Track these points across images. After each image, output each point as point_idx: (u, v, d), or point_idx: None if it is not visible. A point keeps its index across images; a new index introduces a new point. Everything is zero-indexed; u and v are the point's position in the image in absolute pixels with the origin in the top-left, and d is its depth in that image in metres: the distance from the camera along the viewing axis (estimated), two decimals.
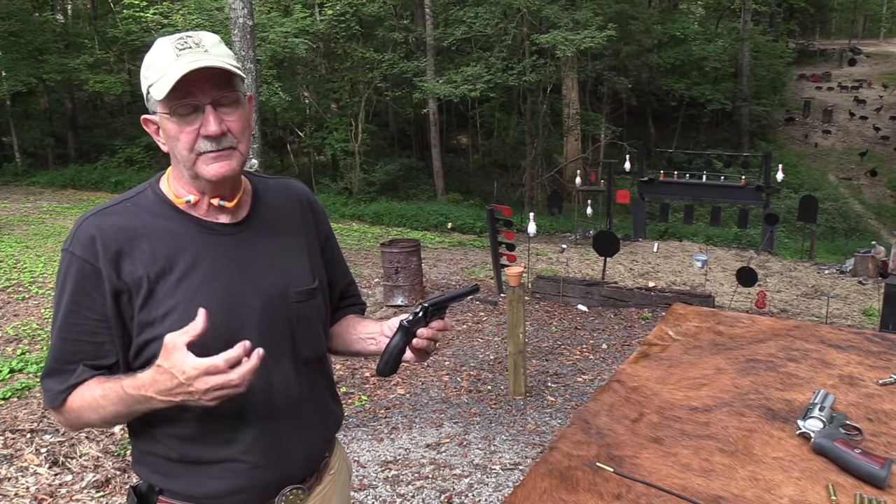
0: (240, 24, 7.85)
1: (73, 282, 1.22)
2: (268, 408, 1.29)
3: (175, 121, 1.19)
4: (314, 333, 1.40)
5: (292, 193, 1.46)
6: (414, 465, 3.84)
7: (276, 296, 1.31)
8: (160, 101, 1.18)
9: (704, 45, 23.53)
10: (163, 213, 1.28)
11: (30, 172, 19.26)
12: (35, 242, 9.57)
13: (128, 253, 1.22)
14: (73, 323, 1.23)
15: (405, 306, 7.04)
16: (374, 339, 1.43)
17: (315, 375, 1.41)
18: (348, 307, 1.59)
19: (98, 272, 1.21)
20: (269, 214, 1.38)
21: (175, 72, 1.15)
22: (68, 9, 23.68)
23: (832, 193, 21.05)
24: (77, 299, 1.22)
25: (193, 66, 1.15)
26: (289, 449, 1.33)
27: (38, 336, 5.71)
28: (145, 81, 1.22)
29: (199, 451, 1.27)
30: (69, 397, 1.24)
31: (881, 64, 33.40)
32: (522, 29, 16.98)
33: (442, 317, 1.31)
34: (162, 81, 1.17)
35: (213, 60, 1.18)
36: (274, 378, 1.30)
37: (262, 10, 15.65)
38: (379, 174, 18.80)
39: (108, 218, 1.24)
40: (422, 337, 1.28)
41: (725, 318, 2.20)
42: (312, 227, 1.46)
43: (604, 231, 8.14)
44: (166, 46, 1.19)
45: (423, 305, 1.27)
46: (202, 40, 1.21)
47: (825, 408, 1.46)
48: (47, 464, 3.67)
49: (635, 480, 1.30)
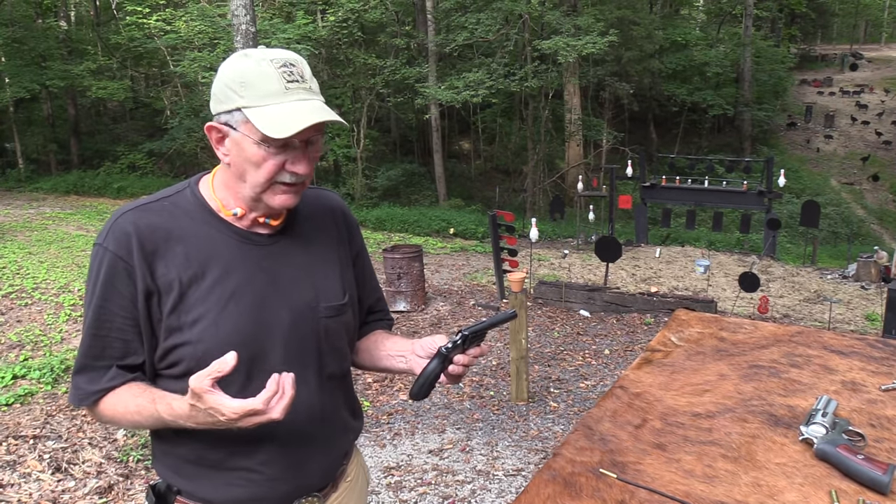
0: (242, 30, 7.88)
1: (105, 278, 1.21)
2: (290, 422, 1.26)
3: (265, 149, 1.18)
4: (340, 349, 1.39)
5: (327, 205, 1.44)
6: (416, 471, 3.83)
7: (306, 310, 1.30)
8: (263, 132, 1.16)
9: (706, 50, 23.58)
10: (200, 217, 1.26)
11: (33, 178, 19.30)
12: (38, 248, 9.59)
13: (162, 255, 1.21)
14: (104, 319, 1.21)
15: (408, 311, 7.04)
16: (403, 358, 1.41)
17: (337, 391, 1.40)
18: (376, 322, 1.58)
19: (131, 270, 1.19)
20: (304, 226, 1.37)
21: (295, 114, 1.15)
22: (71, 15, 23.77)
23: (834, 198, 21.05)
24: (107, 295, 1.21)
25: (319, 119, 1.16)
26: (307, 463, 1.33)
27: (40, 342, 5.72)
28: (238, 98, 1.18)
29: (219, 456, 1.27)
30: (101, 401, 1.24)
31: (883, 69, 33.44)
32: (524, 35, 17.01)
33: (479, 343, 1.30)
34: (271, 113, 1.15)
35: (324, 109, 1.19)
36: (298, 392, 1.26)
37: (265, 16, 15.70)
38: (381, 180, 18.82)
39: (145, 216, 1.23)
40: (458, 364, 1.28)
41: (728, 323, 2.20)
42: (346, 240, 1.45)
43: (606, 236, 8.15)
44: (270, 71, 1.17)
45: (463, 334, 1.26)
46: (304, 72, 1.21)
47: (828, 414, 1.46)
48: (50, 470, 3.67)
49: (639, 487, 1.30)
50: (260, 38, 11.56)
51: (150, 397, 1.19)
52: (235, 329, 1.21)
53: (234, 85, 1.17)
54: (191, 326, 1.20)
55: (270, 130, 1.14)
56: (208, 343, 1.20)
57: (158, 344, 1.23)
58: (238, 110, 1.17)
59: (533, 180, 18.60)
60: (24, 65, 19.21)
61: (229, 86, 1.18)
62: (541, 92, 18.28)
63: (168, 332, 1.21)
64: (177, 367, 1.23)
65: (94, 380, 1.23)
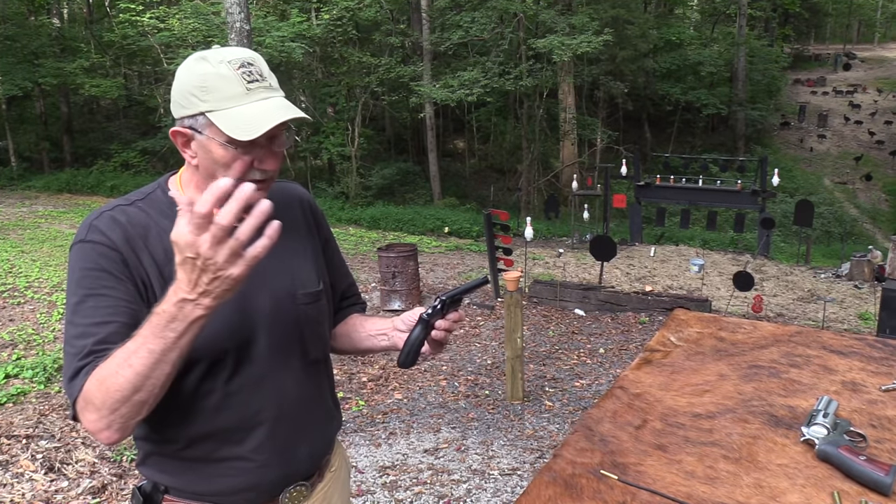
0: (237, 28, 7.85)
1: (94, 265, 1.16)
2: (278, 407, 1.30)
3: (232, 150, 1.17)
4: (321, 335, 1.42)
5: (292, 196, 1.46)
6: (412, 471, 3.82)
7: (286, 298, 1.32)
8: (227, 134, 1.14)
9: (700, 49, 23.69)
10: (174, 214, 1.24)
11: (25, 177, 19.20)
12: (30, 247, 9.54)
13: (143, 248, 1.20)
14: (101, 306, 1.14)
15: (402, 311, 7.01)
16: (385, 335, 1.46)
17: (321, 376, 1.43)
18: (350, 307, 1.61)
19: (122, 257, 1.17)
20: (275, 218, 1.37)
21: (261, 115, 1.14)
22: (64, 13, 23.67)
23: (827, 198, 21.14)
24: (100, 282, 1.15)
25: (286, 118, 1.15)
26: (296, 448, 1.35)
27: (33, 341, 5.68)
28: (200, 103, 1.17)
29: (209, 449, 1.27)
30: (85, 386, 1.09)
31: (875, 69, 33.60)
32: (519, 34, 17.02)
33: (456, 309, 1.36)
34: (235, 115, 1.14)
35: (288, 107, 1.18)
36: (284, 378, 1.31)
37: (259, 14, 15.65)
38: (375, 178, 18.80)
39: (123, 214, 1.23)
40: (440, 328, 1.33)
41: (727, 323, 2.19)
42: (314, 229, 1.47)
43: (600, 235, 8.15)
44: (228, 73, 1.16)
45: (441, 299, 1.32)
46: (262, 70, 1.20)
47: (829, 414, 1.45)
48: (43, 470, 3.64)
49: (640, 488, 1.29)
50: (254, 35, 11.52)
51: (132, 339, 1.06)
52: (222, 319, 1.19)
53: (195, 90, 1.17)
54: None
55: (237, 133, 1.14)
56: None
57: None
58: (202, 115, 1.17)
59: (527, 179, 18.61)
60: (16, 62, 19.12)
61: (190, 91, 1.18)
62: (535, 91, 18.28)
63: None
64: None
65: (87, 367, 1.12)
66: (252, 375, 1.26)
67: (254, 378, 1.26)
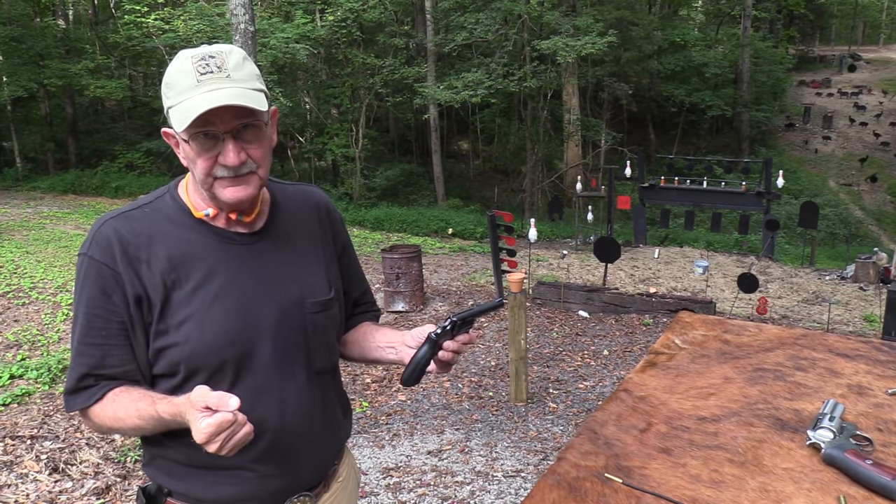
0: (241, 29, 7.86)
1: (93, 285, 1.21)
2: (281, 418, 1.29)
3: (194, 147, 1.17)
4: (328, 344, 1.40)
5: (311, 201, 1.45)
6: (415, 472, 3.82)
7: (292, 306, 1.31)
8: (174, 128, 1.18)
9: (704, 51, 23.63)
10: (180, 220, 1.27)
11: (30, 177, 19.24)
12: (35, 248, 9.56)
13: (145, 259, 1.21)
14: (96, 328, 1.22)
15: (406, 312, 7.03)
16: (393, 349, 1.41)
17: (327, 386, 1.41)
18: (363, 314, 1.59)
19: (118, 276, 1.20)
20: (286, 223, 1.37)
21: (196, 105, 1.12)
22: (69, 14, 23.71)
23: (832, 199, 21.08)
24: (98, 303, 1.21)
25: (213, 105, 1.11)
26: (299, 459, 1.33)
27: (38, 342, 5.69)
28: (165, 100, 1.19)
29: (210, 456, 1.26)
30: (96, 407, 1.24)
31: (881, 70, 33.48)
32: (523, 35, 17.00)
33: (468, 330, 1.32)
34: (181, 109, 1.14)
35: (234, 95, 1.14)
36: (287, 388, 1.30)
37: (264, 15, 15.66)
38: (379, 180, 18.79)
39: (126, 223, 1.23)
40: (448, 350, 1.29)
41: (732, 326, 2.18)
42: (330, 235, 1.45)
43: (604, 237, 8.13)
44: (187, 67, 1.16)
45: (452, 319, 1.28)
46: (225, 62, 1.17)
47: (835, 418, 1.44)
48: (47, 470, 3.65)
49: (644, 492, 1.28)
50: (259, 37, 11.54)
51: (150, 400, 1.19)
52: (222, 328, 1.22)
53: (164, 87, 1.20)
54: (177, 328, 1.21)
55: (177, 125, 1.15)
56: (194, 344, 1.20)
57: (150, 348, 1.24)
58: (168, 112, 1.18)
59: (531, 181, 18.59)
60: (21, 63, 19.16)
61: (162, 90, 1.20)
62: (539, 92, 18.27)
63: (156, 336, 1.22)
64: (166, 369, 1.23)
65: (88, 388, 1.24)
66: (254, 385, 1.26)
67: (256, 387, 1.26)
